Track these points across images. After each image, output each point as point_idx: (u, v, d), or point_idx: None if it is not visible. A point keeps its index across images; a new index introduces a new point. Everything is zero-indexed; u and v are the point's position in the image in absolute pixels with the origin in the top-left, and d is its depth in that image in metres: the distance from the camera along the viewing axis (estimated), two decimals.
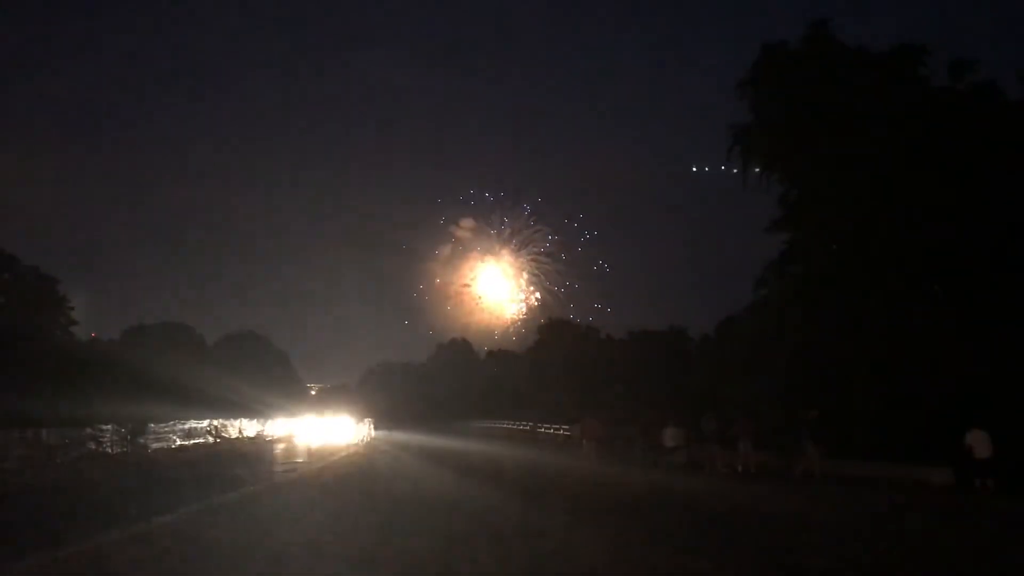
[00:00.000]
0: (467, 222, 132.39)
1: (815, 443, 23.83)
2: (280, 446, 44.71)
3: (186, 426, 45.44)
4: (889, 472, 22.71)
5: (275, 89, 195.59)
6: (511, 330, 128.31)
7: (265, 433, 55.18)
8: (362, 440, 52.77)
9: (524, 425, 53.96)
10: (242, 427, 59.49)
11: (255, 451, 43.94)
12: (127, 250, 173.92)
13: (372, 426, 67.89)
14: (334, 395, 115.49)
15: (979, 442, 19.89)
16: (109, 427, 35.02)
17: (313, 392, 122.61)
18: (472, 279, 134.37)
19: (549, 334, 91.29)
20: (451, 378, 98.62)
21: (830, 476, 23.39)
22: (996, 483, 19.60)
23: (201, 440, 47.56)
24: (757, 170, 33.47)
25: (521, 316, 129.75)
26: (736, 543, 12.51)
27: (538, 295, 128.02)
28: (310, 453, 37.82)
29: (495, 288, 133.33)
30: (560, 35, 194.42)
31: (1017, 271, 25.62)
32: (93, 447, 33.27)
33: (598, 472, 26.35)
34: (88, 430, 33.65)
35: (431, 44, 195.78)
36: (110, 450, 33.77)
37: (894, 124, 28.92)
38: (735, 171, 34.22)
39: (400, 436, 63.45)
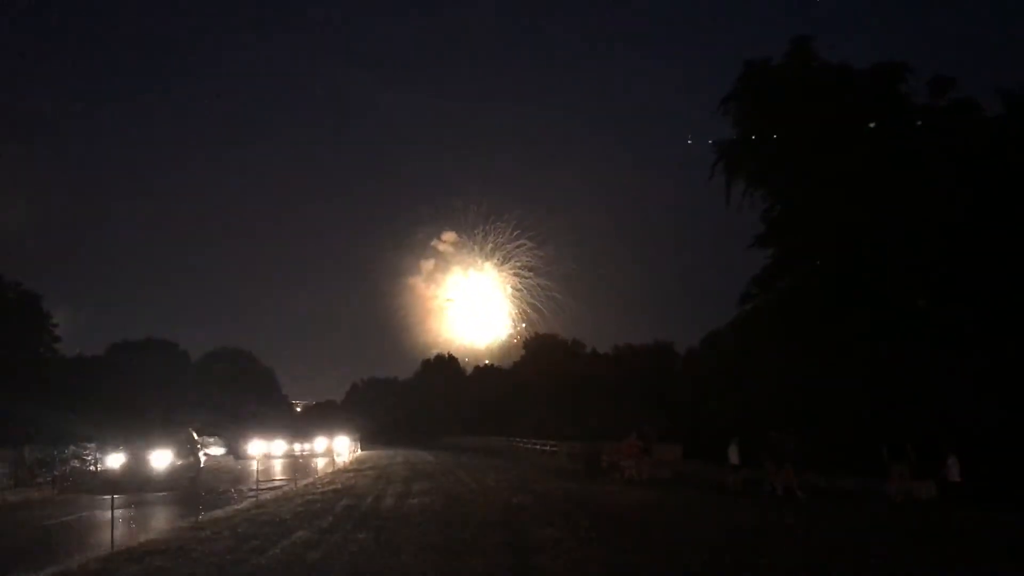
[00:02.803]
0: (449, 235, 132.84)
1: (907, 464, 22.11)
2: (264, 464, 44.36)
3: (171, 444, 45.13)
4: (879, 487, 22.78)
5: (260, 107, 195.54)
6: (496, 345, 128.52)
7: (249, 451, 54.72)
8: (348, 459, 52.38)
9: (519, 441, 53.70)
10: (226, 445, 59.22)
11: (240, 469, 43.68)
12: (111, 266, 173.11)
13: (359, 444, 67.22)
14: (320, 412, 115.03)
15: (952, 467, 21.21)
16: (93, 444, 34.82)
17: (298, 409, 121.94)
18: (456, 294, 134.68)
19: (535, 349, 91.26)
20: (437, 394, 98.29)
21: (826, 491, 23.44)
22: (968, 500, 20.40)
23: (185, 459, 47.25)
24: (742, 186, 33.64)
25: (506, 331, 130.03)
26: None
27: (523, 310, 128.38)
28: (293, 470, 37.60)
29: (479, 303, 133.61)
30: (544, 52, 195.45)
31: (1002, 283, 25.89)
32: (77, 464, 33.06)
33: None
34: (72, 447, 33.46)
35: (416, 62, 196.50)
36: (94, 468, 33.54)
37: (876, 140, 29.26)
38: (721, 186, 34.35)
39: (387, 454, 62.92)
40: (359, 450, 64.56)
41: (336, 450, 53.97)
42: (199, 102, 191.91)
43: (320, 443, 60.19)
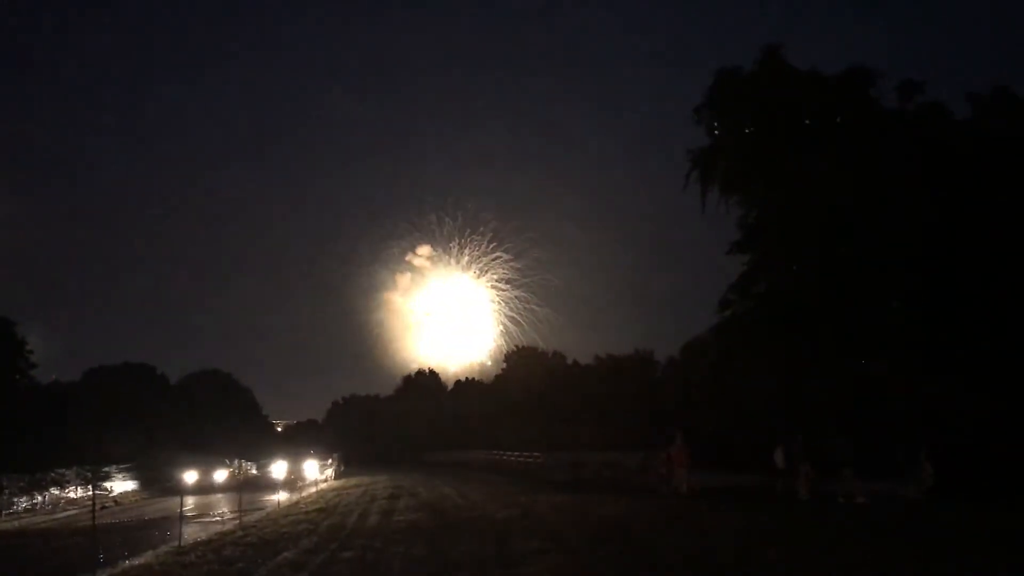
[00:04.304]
0: (424, 249, 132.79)
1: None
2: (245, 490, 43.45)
3: (148, 471, 44.84)
4: (869, 487, 22.97)
5: (233, 127, 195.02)
6: (476, 358, 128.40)
7: (186, 481, 52.71)
8: (326, 483, 50.74)
9: (503, 454, 53.41)
10: (205, 471, 58.46)
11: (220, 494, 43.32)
12: (87, 291, 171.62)
13: (339, 466, 64.74)
14: (301, 432, 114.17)
15: (927, 471, 21.63)
16: (71, 472, 34.52)
17: (279, 429, 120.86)
18: (433, 308, 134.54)
19: (515, 362, 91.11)
20: (419, 410, 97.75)
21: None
22: (943, 501, 20.63)
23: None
24: (717, 193, 33.78)
25: (486, 344, 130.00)
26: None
27: (501, 322, 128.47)
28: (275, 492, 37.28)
29: (457, 316, 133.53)
30: (517, 60, 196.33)
31: (974, 285, 26.17)
32: (56, 492, 32.73)
33: None
34: (51, 475, 33.17)
35: (389, 75, 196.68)
36: (73, 494, 33.22)
37: (847, 145, 29.57)
38: (696, 194, 34.44)
39: (367, 481, 58.22)
40: (333, 477, 56.88)
41: (305, 477, 47.44)
42: (170, 123, 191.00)
43: (279, 468, 45.65)
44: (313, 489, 39.18)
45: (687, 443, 26.23)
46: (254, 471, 52.30)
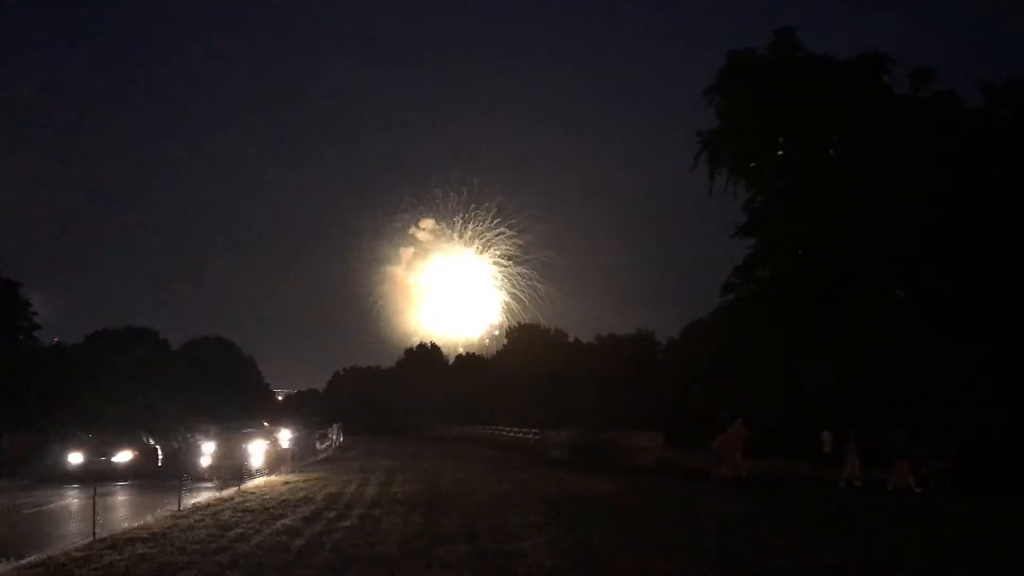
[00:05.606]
0: (427, 223, 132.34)
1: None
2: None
3: (150, 436, 44.93)
4: (869, 474, 23.20)
5: (240, 96, 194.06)
6: (478, 333, 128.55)
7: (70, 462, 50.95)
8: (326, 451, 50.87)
9: (502, 430, 53.61)
10: (203, 437, 58.43)
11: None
12: (90, 254, 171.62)
13: (336, 438, 63.32)
14: (302, 401, 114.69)
15: (936, 462, 22.10)
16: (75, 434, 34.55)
17: (280, 398, 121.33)
18: (435, 282, 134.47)
19: (517, 338, 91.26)
20: (420, 383, 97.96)
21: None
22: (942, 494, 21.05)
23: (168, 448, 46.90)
24: (725, 176, 33.62)
25: (487, 319, 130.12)
26: None
27: (503, 299, 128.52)
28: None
29: (459, 291, 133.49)
30: (526, 37, 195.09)
31: (982, 276, 26.12)
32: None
33: None
34: (55, 436, 33.26)
35: (397, 49, 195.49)
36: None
37: (857, 131, 29.41)
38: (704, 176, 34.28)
39: (367, 452, 52.88)
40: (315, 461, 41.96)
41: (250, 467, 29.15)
42: (175, 88, 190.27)
43: (207, 448, 33.05)
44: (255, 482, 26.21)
45: (745, 426, 26.04)
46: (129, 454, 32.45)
